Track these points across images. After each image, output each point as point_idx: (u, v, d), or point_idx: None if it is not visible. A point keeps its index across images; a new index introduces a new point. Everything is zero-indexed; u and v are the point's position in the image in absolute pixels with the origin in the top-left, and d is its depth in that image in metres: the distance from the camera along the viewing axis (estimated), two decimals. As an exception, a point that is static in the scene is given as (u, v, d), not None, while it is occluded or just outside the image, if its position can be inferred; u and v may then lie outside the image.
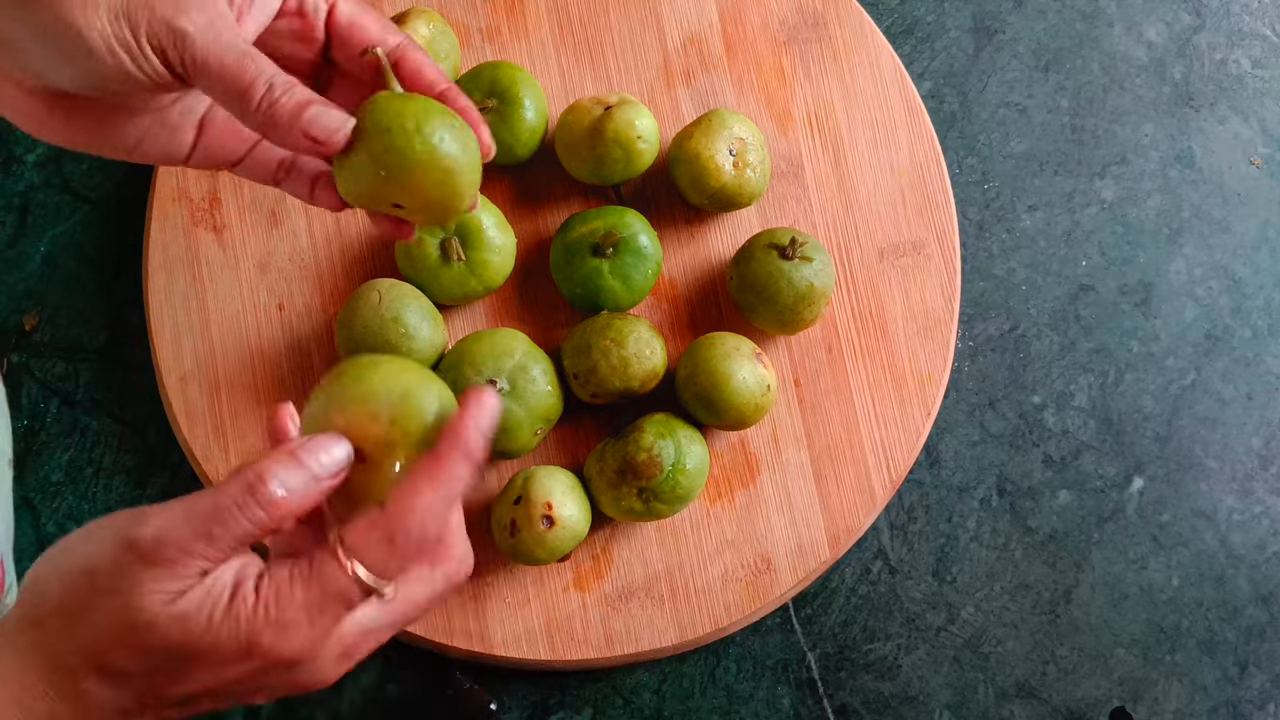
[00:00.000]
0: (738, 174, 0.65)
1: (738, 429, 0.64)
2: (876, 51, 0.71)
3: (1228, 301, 0.73)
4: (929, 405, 0.68)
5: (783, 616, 0.67)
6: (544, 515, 0.59)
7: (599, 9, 0.70)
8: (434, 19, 0.65)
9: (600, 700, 0.66)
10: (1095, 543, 0.70)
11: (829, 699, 0.67)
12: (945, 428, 0.70)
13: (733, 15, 0.71)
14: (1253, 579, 0.70)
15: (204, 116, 0.42)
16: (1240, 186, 0.75)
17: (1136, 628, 0.69)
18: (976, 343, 0.72)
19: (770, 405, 0.63)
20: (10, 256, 0.69)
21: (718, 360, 0.62)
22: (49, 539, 0.66)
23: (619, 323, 0.63)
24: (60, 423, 0.68)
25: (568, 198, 0.68)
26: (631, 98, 0.66)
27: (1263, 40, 0.77)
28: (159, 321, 0.66)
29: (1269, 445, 0.72)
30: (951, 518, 0.69)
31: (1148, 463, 0.71)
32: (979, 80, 0.75)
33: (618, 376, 0.61)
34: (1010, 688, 0.68)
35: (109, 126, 0.41)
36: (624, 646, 0.64)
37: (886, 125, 0.71)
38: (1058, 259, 0.73)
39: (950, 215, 0.70)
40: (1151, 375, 0.72)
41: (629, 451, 0.60)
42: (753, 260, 0.64)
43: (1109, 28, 0.76)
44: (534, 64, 0.70)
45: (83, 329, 0.69)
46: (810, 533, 0.66)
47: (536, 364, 0.62)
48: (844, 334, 0.68)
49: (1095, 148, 0.75)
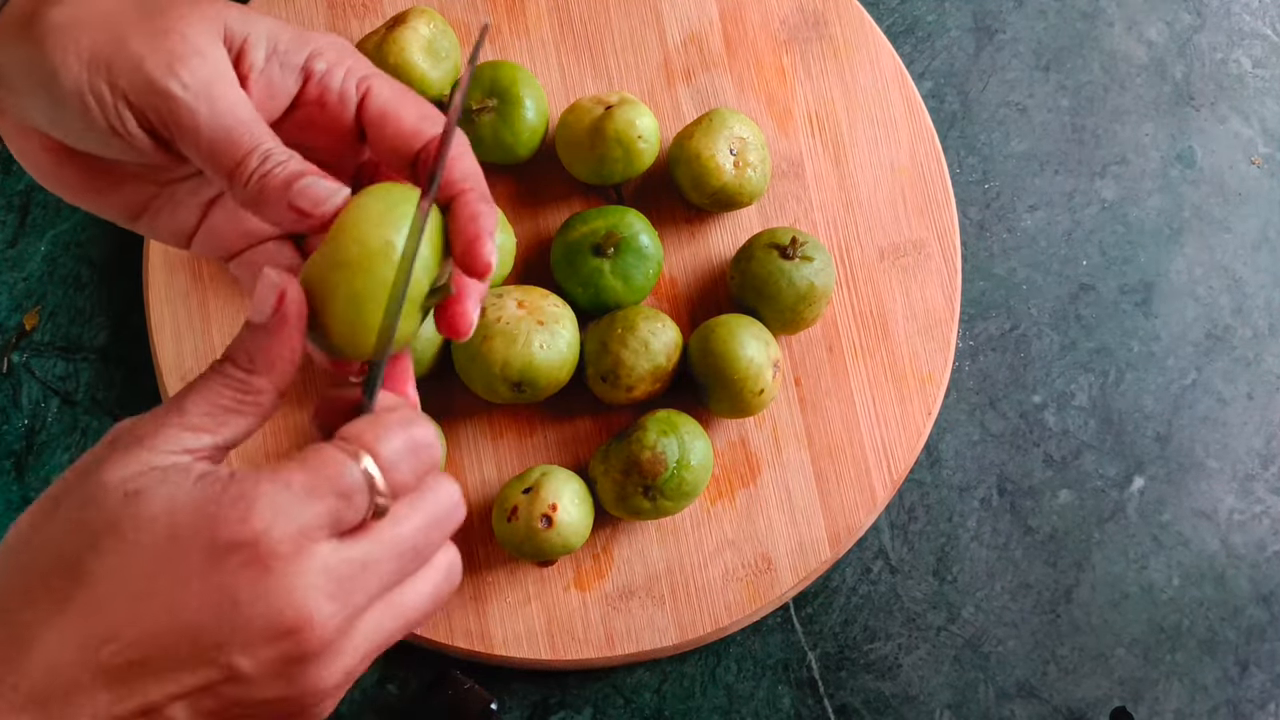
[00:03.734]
0: (738, 173, 0.65)
1: (742, 406, 0.63)
2: (877, 51, 0.71)
3: (1228, 301, 0.73)
4: (930, 405, 0.68)
5: (783, 616, 0.67)
6: (545, 514, 0.59)
7: (599, 8, 0.70)
8: (434, 18, 0.65)
9: (601, 700, 0.66)
10: (1096, 542, 0.70)
11: (829, 698, 0.67)
12: (946, 427, 0.70)
13: (733, 14, 0.71)
14: (1253, 579, 0.70)
15: (212, 198, 0.38)
16: (1241, 186, 0.75)
17: (1137, 627, 0.69)
18: (977, 342, 0.72)
19: (776, 391, 0.63)
20: (11, 256, 0.69)
21: (734, 324, 0.63)
22: (49, 538, 0.66)
23: (622, 314, 0.63)
24: (61, 422, 0.68)
25: (568, 197, 0.68)
26: (632, 97, 0.66)
27: (1263, 40, 0.77)
28: (159, 321, 0.66)
29: (1270, 445, 0.72)
30: (952, 517, 0.69)
31: (1148, 462, 0.71)
32: (979, 80, 0.75)
33: (644, 358, 0.61)
34: (1011, 687, 0.68)
35: (113, 191, 0.37)
36: (624, 646, 0.64)
37: (887, 124, 0.71)
38: (1058, 258, 0.73)
39: (951, 215, 0.70)
40: (1152, 375, 0.72)
41: (632, 450, 0.60)
42: (753, 260, 0.64)
43: (1109, 27, 0.76)
44: (534, 63, 0.70)
45: (83, 328, 0.69)
46: (811, 532, 0.66)
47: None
48: (844, 333, 0.68)
49: (1096, 147, 0.75)
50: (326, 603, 0.29)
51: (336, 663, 0.30)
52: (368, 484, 0.30)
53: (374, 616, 0.31)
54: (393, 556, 0.31)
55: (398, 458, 0.31)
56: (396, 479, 0.31)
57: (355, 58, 0.37)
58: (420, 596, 0.32)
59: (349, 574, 0.30)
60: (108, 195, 0.38)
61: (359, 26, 0.69)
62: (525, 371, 0.60)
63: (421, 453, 0.31)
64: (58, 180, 0.37)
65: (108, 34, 0.33)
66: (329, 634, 0.29)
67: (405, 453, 0.31)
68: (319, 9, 0.69)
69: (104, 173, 0.37)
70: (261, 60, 0.35)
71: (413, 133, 0.36)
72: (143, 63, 0.33)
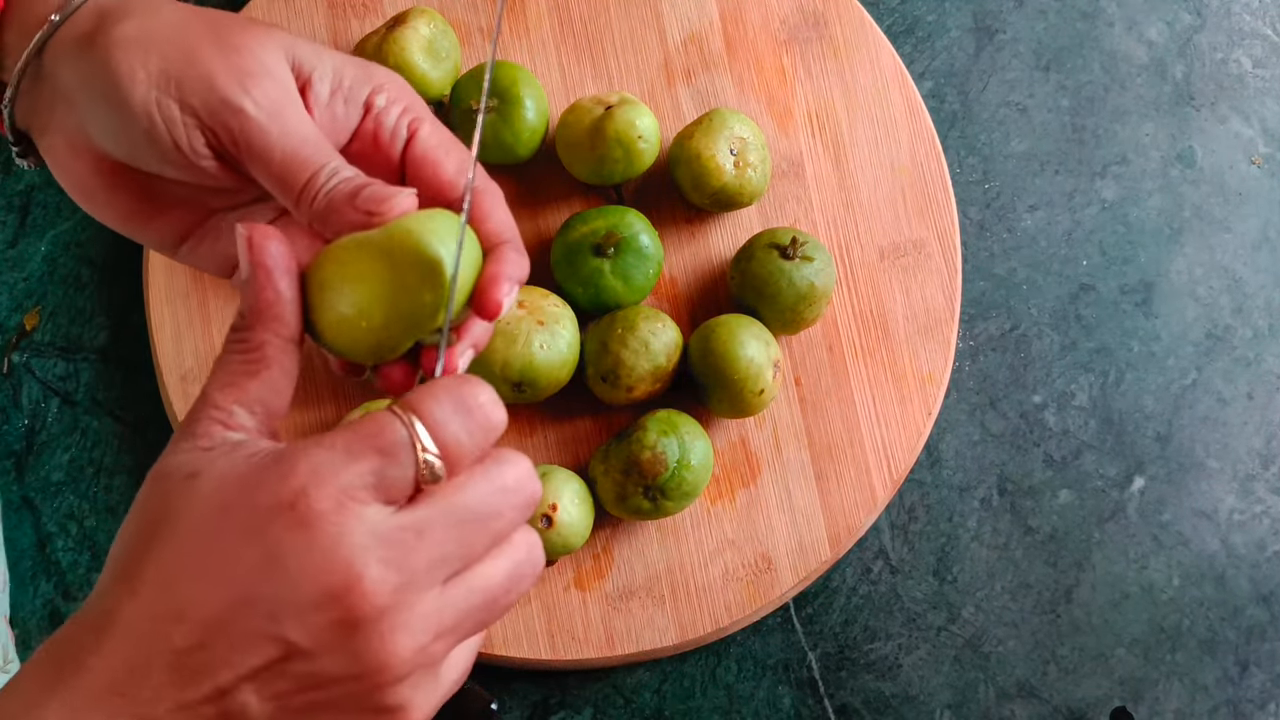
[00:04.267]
0: (738, 173, 0.65)
1: (742, 406, 0.63)
2: (877, 51, 0.71)
3: (1228, 301, 0.73)
4: (930, 405, 0.68)
5: (783, 616, 0.67)
6: (545, 514, 0.59)
7: (599, 8, 0.70)
8: (434, 18, 0.65)
9: (601, 700, 0.66)
10: (1096, 542, 0.70)
11: (830, 699, 0.67)
12: (946, 427, 0.70)
13: (733, 14, 0.71)
14: (1253, 578, 0.70)
15: None
16: (1241, 186, 0.75)
17: (1137, 627, 0.69)
18: (977, 342, 0.72)
19: (776, 391, 0.63)
20: (11, 256, 0.69)
21: (734, 324, 0.63)
22: (49, 539, 0.66)
23: (622, 314, 0.63)
24: (61, 422, 0.67)
25: (568, 197, 0.68)
26: (632, 97, 0.66)
27: (1263, 40, 0.77)
28: (160, 321, 0.66)
29: (1270, 445, 0.72)
30: (952, 517, 0.69)
31: (1148, 462, 0.71)
32: (980, 80, 0.75)
33: (645, 357, 0.62)
34: (1011, 687, 0.68)
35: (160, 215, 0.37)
36: (625, 646, 0.64)
37: (887, 124, 0.71)
38: (1058, 258, 0.73)
39: (951, 214, 0.70)
40: (1152, 375, 0.72)
41: (632, 451, 0.60)
42: (753, 260, 0.64)
43: (1109, 27, 0.76)
44: (534, 63, 0.70)
45: (83, 328, 0.69)
46: (811, 532, 0.66)
47: None
48: (845, 333, 0.68)
49: (1096, 147, 0.75)
50: (376, 566, 0.28)
51: (402, 637, 0.29)
52: (411, 441, 0.29)
53: (445, 592, 0.30)
54: (452, 524, 0.30)
55: (445, 415, 0.30)
56: (447, 437, 0.30)
57: (413, 97, 0.38)
58: (498, 574, 0.31)
59: (401, 539, 0.29)
60: (154, 220, 0.37)
61: (359, 26, 0.69)
62: (525, 371, 0.60)
63: (475, 412, 0.30)
64: (106, 204, 0.37)
65: (178, 50, 0.34)
66: (382, 599, 0.28)
67: (453, 410, 0.30)
68: (319, 8, 0.69)
69: (154, 196, 0.37)
70: (326, 95, 0.36)
71: (450, 182, 0.37)
72: (214, 80, 0.33)
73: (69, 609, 0.66)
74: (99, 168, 0.36)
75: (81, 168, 0.36)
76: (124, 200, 0.37)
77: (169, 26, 0.34)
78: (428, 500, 0.30)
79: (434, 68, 0.65)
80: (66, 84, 0.35)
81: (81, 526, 0.66)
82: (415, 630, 0.29)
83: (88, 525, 0.66)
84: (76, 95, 0.35)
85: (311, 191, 0.34)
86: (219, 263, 0.39)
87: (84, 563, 0.66)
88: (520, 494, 0.31)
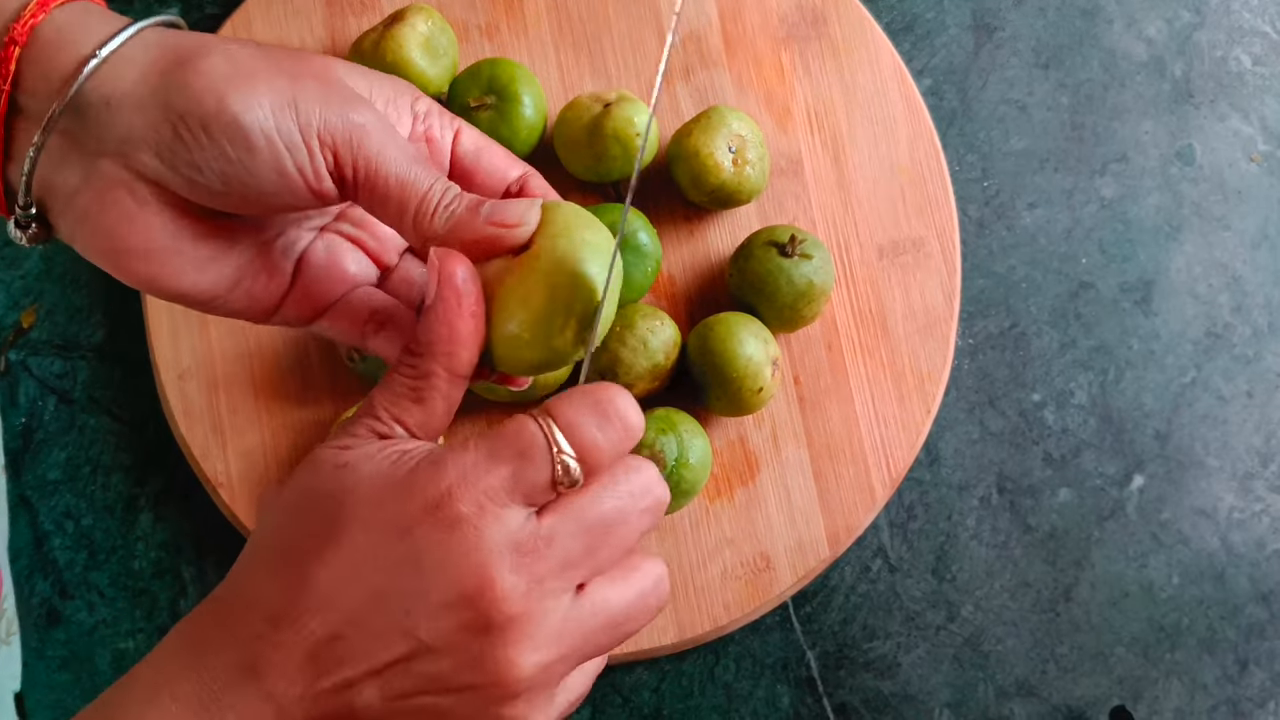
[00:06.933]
0: (737, 171, 0.65)
1: (741, 404, 0.63)
2: (876, 48, 0.71)
3: (1228, 299, 0.73)
4: (929, 403, 0.68)
5: (782, 615, 0.67)
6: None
7: (598, 5, 0.70)
8: (432, 15, 0.65)
9: (599, 699, 0.66)
10: (1095, 541, 0.70)
11: (828, 697, 0.67)
12: (945, 426, 0.70)
13: (732, 12, 0.71)
14: (1253, 577, 0.70)
15: (301, 256, 0.38)
16: (1240, 184, 0.75)
17: (1137, 626, 0.69)
18: (976, 340, 0.72)
19: (775, 389, 0.63)
20: (8, 253, 0.69)
21: (732, 322, 0.63)
22: (46, 537, 0.66)
23: (620, 312, 0.63)
24: (58, 420, 0.67)
25: (566, 195, 0.68)
26: (630, 95, 0.66)
27: (1263, 37, 0.77)
28: (157, 319, 0.66)
29: (1269, 443, 0.72)
30: (951, 516, 0.69)
31: (1148, 461, 0.71)
32: (979, 77, 0.75)
33: (643, 356, 0.61)
34: (1010, 686, 0.68)
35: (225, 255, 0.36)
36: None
37: (886, 122, 0.70)
38: (1058, 256, 0.73)
39: (950, 212, 0.70)
40: (1152, 373, 0.72)
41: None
42: (752, 258, 0.64)
43: (1109, 25, 0.76)
44: (533, 60, 0.70)
45: (81, 326, 0.69)
46: (810, 531, 0.66)
47: None
48: (844, 332, 0.68)
49: (1095, 145, 0.74)
50: (509, 572, 0.29)
51: (527, 650, 0.29)
52: (547, 442, 0.30)
53: (571, 607, 0.31)
54: (580, 530, 0.30)
55: (580, 417, 0.31)
56: (584, 440, 0.31)
57: (438, 104, 0.39)
58: (623, 598, 0.32)
59: (532, 546, 0.30)
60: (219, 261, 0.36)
61: (356, 24, 0.69)
62: None
63: (612, 417, 0.31)
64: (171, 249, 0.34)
65: (281, 77, 0.33)
66: (513, 607, 0.29)
67: (589, 412, 0.31)
68: (316, 6, 0.69)
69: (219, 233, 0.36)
70: (383, 109, 0.37)
71: (504, 169, 0.38)
72: (329, 101, 0.33)
73: (66, 607, 0.65)
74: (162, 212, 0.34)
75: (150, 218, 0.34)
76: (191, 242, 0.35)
77: (254, 59, 0.33)
78: (560, 506, 0.31)
79: (431, 65, 0.65)
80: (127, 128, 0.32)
81: (78, 525, 0.66)
82: (540, 643, 0.30)
83: (84, 523, 0.66)
84: (148, 136, 0.32)
85: (428, 209, 0.34)
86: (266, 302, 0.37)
87: (81, 561, 0.66)
88: (648, 499, 0.32)
